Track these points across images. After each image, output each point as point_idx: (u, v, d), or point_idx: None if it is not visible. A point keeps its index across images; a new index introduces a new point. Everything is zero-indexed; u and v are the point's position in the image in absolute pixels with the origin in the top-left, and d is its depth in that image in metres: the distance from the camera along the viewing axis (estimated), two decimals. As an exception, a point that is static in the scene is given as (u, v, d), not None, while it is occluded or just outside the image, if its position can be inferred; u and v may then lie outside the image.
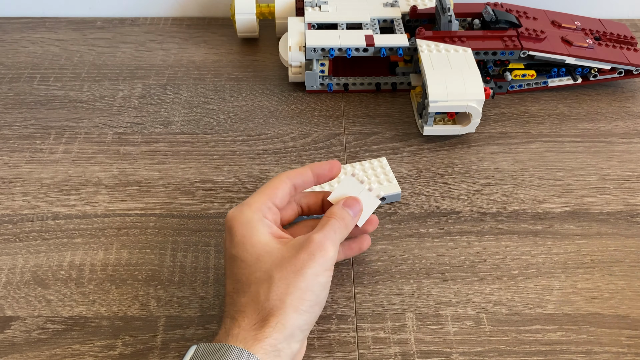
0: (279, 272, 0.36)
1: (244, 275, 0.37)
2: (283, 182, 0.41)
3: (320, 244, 0.37)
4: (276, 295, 0.35)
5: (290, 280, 0.36)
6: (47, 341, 0.41)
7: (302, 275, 0.36)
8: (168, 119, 0.59)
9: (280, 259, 0.37)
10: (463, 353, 0.40)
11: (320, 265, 0.37)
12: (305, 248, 0.37)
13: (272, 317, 0.35)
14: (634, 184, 0.53)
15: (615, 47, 0.62)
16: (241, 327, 0.35)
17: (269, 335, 0.34)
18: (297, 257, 0.36)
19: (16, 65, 0.66)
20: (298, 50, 0.60)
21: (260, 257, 0.37)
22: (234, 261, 0.38)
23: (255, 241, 0.38)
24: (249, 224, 0.38)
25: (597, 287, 0.44)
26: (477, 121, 0.55)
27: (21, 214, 0.50)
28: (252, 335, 0.34)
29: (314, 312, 0.37)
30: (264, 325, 0.34)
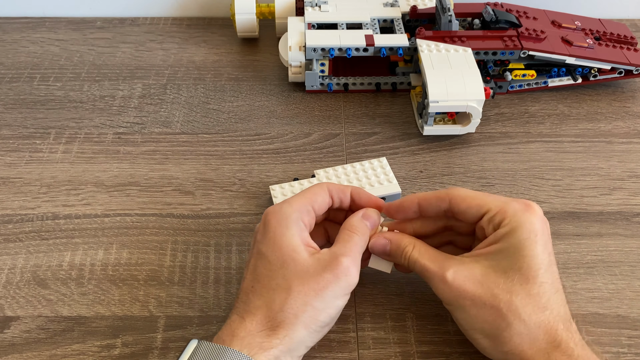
0: (300, 285, 0.35)
1: (265, 276, 0.36)
2: (323, 190, 0.40)
3: (347, 268, 0.36)
4: (291, 308, 0.35)
5: (309, 298, 0.35)
6: (47, 341, 0.41)
7: (322, 296, 0.35)
8: (168, 119, 0.59)
9: (304, 272, 0.36)
10: (463, 353, 0.40)
11: (342, 289, 0.36)
12: (332, 269, 0.36)
13: (281, 328, 0.34)
14: (634, 184, 0.53)
15: (616, 47, 0.62)
16: (248, 330, 0.34)
17: (275, 347, 0.34)
18: (322, 276, 0.35)
19: (16, 65, 0.66)
20: (298, 50, 0.60)
21: (286, 263, 0.36)
22: (261, 258, 0.37)
23: (285, 243, 0.37)
24: (285, 220, 0.37)
25: (597, 287, 0.44)
26: (477, 121, 0.55)
27: (21, 214, 0.50)
28: (258, 342, 0.34)
29: (323, 332, 0.37)
30: (272, 335, 0.34)
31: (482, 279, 0.36)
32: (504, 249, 0.36)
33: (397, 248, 0.40)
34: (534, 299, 0.35)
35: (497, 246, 0.37)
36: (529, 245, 0.36)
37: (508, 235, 0.36)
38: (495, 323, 0.35)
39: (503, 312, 0.35)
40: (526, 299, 0.35)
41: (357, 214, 0.40)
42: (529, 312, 0.35)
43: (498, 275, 0.36)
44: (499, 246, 0.36)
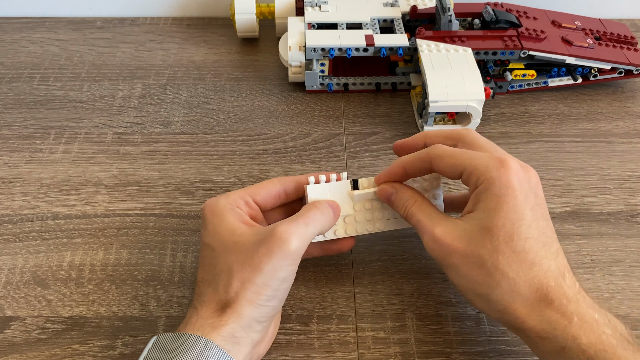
0: (238, 265, 0.36)
1: (212, 265, 0.37)
2: (272, 184, 0.41)
3: (281, 238, 0.36)
4: (232, 289, 0.35)
5: (247, 276, 0.35)
6: (46, 341, 0.41)
7: (260, 272, 0.35)
8: (168, 119, 0.59)
9: (241, 251, 0.36)
10: (463, 353, 0.40)
11: (280, 260, 0.36)
12: (265, 242, 0.36)
13: (228, 308, 0.35)
14: (634, 184, 0.53)
15: (616, 47, 0.62)
16: (200, 315, 0.35)
17: (226, 324, 0.34)
18: (256, 252, 0.36)
19: (16, 65, 0.66)
20: (298, 50, 0.60)
21: (228, 247, 0.37)
22: (205, 249, 0.38)
23: (224, 230, 0.37)
24: (220, 212, 0.38)
25: (597, 287, 0.44)
26: (477, 121, 0.55)
27: (21, 214, 0.50)
28: (209, 322, 0.34)
29: (272, 305, 0.36)
30: (222, 314, 0.35)
31: (469, 239, 0.36)
32: (484, 207, 0.36)
33: (400, 199, 0.41)
34: (520, 255, 0.35)
35: (478, 206, 0.36)
36: (507, 201, 0.35)
37: (484, 193, 0.36)
38: (484, 283, 0.35)
39: (490, 271, 0.35)
40: (512, 256, 0.35)
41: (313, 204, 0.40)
42: (516, 270, 0.35)
43: (484, 234, 0.35)
44: (480, 206, 0.36)
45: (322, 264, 0.46)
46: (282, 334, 0.41)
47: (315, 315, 0.43)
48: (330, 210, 0.40)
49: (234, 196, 0.40)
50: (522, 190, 0.36)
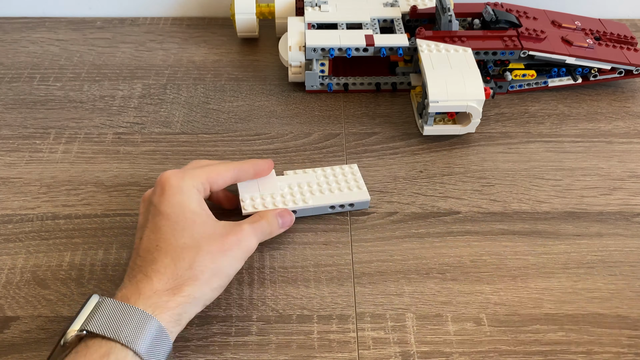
0: (207, 245, 0.38)
1: (173, 236, 0.38)
2: (229, 173, 0.44)
3: (248, 235, 0.41)
4: (199, 266, 0.37)
5: (216, 257, 0.38)
6: (47, 341, 0.41)
7: (226, 256, 0.39)
8: (168, 119, 0.59)
9: (211, 233, 0.39)
10: (463, 353, 0.40)
11: (243, 252, 0.40)
12: (235, 233, 0.40)
13: (186, 286, 0.36)
14: (634, 184, 0.53)
15: (616, 47, 0.62)
16: (155, 289, 0.36)
17: (179, 305, 0.36)
18: (227, 238, 0.39)
19: (16, 65, 0.66)
20: (298, 50, 0.60)
21: (193, 225, 0.39)
22: (166, 219, 0.39)
23: (191, 208, 0.40)
24: (187, 191, 0.40)
25: (597, 287, 0.44)
26: (477, 121, 0.55)
27: (21, 214, 0.50)
28: (164, 300, 0.35)
29: (218, 292, 0.39)
30: (177, 293, 0.36)
31: None
32: None
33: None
34: None
35: None
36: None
37: None
38: None
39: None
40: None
41: (275, 210, 0.46)
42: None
43: None
44: None
45: (322, 264, 0.46)
46: (282, 334, 0.41)
47: (315, 315, 0.43)
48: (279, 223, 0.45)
49: (197, 179, 0.42)
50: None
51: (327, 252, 0.47)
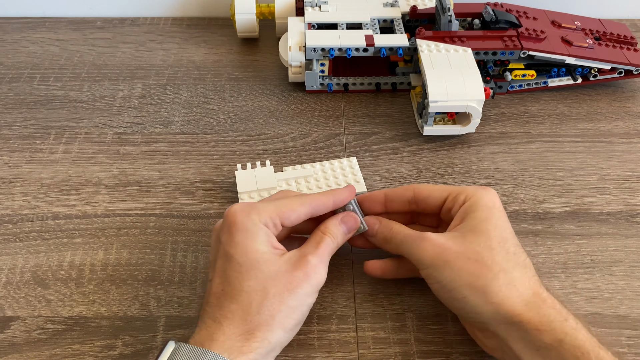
0: (274, 286, 0.36)
1: (237, 279, 0.36)
2: (303, 207, 0.40)
3: (315, 266, 0.37)
4: (268, 310, 0.35)
5: (284, 298, 0.36)
6: (47, 341, 0.41)
7: (295, 294, 0.36)
8: (168, 119, 0.59)
9: (276, 272, 0.36)
10: (463, 353, 0.40)
11: (312, 287, 0.37)
12: (301, 267, 0.37)
13: (259, 331, 0.35)
14: (634, 184, 0.53)
15: (615, 47, 0.62)
16: (226, 334, 0.35)
17: (254, 350, 0.34)
18: (293, 275, 0.37)
19: (16, 65, 0.67)
20: (298, 50, 0.60)
21: (257, 265, 0.36)
22: (230, 261, 0.37)
23: (256, 247, 0.37)
24: (252, 229, 0.37)
25: (597, 287, 0.44)
26: (477, 121, 0.55)
27: (21, 214, 0.50)
28: (238, 346, 0.34)
29: (296, 331, 0.38)
30: (250, 339, 0.35)
31: (461, 239, 0.38)
32: (476, 217, 0.39)
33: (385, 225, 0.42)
34: (514, 257, 0.37)
35: (469, 216, 0.39)
36: (496, 213, 0.39)
37: (475, 206, 0.39)
38: (482, 274, 0.36)
39: (488, 264, 0.37)
40: (506, 255, 0.37)
41: (336, 217, 0.41)
42: (512, 267, 0.37)
43: (476, 235, 0.38)
44: (471, 216, 0.39)
45: (322, 264, 0.46)
46: (282, 334, 0.41)
47: (315, 315, 0.43)
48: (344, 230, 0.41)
49: (265, 215, 0.38)
50: (503, 211, 0.40)
51: (327, 252, 0.47)
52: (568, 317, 0.35)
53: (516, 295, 0.36)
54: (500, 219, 0.39)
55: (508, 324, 0.36)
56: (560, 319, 0.35)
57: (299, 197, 0.40)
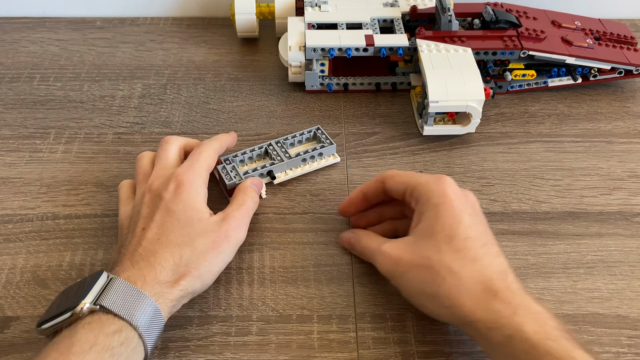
0: (202, 243, 0.40)
1: (171, 232, 0.40)
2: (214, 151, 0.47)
3: (236, 227, 0.42)
4: (193, 262, 0.39)
5: (207, 254, 0.40)
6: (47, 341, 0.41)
7: (216, 250, 0.41)
8: (168, 119, 0.59)
9: (204, 230, 0.41)
10: (463, 353, 0.40)
11: (232, 246, 0.42)
12: (225, 228, 0.42)
13: (182, 280, 0.39)
14: (634, 184, 0.53)
15: (615, 47, 0.62)
16: (157, 279, 0.38)
17: (175, 297, 0.38)
18: (217, 234, 0.41)
19: (16, 65, 0.66)
20: (298, 50, 0.60)
21: (192, 223, 0.41)
22: (169, 215, 0.41)
23: (196, 206, 0.42)
24: (197, 187, 0.43)
25: (597, 287, 0.44)
26: (477, 121, 0.55)
27: (21, 214, 0.50)
28: (165, 292, 0.38)
29: (209, 283, 0.41)
30: (174, 287, 0.38)
31: (413, 247, 0.39)
32: (426, 218, 0.40)
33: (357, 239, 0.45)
34: (462, 253, 0.38)
35: (420, 217, 0.40)
36: (445, 208, 0.39)
37: (425, 205, 0.40)
38: (432, 281, 0.37)
39: (435, 269, 0.37)
40: (454, 254, 0.38)
41: (249, 179, 0.48)
42: (460, 266, 0.37)
43: (426, 239, 0.39)
44: (422, 217, 0.40)
45: (322, 264, 0.46)
46: (282, 334, 0.41)
47: (315, 315, 0.43)
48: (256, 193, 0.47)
49: (204, 173, 0.45)
50: (457, 199, 0.40)
51: (327, 252, 0.47)
52: (517, 309, 0.35)
53: (466, 295, 0.36)
54: (449, 213, 0.39)
55: (464, 325, 0.37)
56: (508, 313, 0.35)
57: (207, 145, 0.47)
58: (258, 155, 0.53)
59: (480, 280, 0.36)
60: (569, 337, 0.34)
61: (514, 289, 0.36)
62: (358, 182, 0.52)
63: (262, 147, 0.53)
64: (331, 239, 0.48)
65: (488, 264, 0.37)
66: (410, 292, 0.40)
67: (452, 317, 0.37)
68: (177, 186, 0.43)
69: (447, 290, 0.37)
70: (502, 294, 0.36)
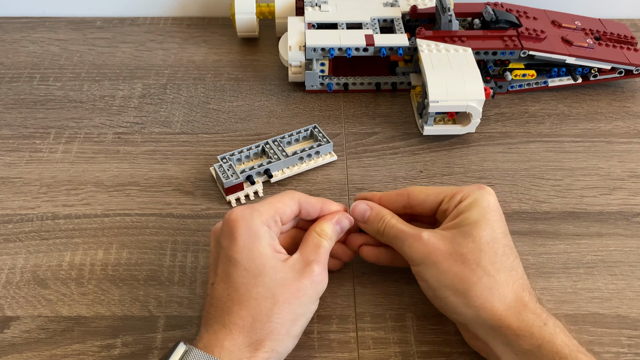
0: (283, 294, 0.36)
1: (244, 285, 0.36)
2: (293, 201, 0.40)
3: (319, 274, 0.38)
4: (278, 318, 0.35)
5: (293, 306, 0.36)
6: (46, 341, 0.41)
7: (302, 302, 0.37)
8: (168, 119, 0.59)
9: (284, 279, 0.36)
10: (463, 353, 0.40)
11: (317, 294, 0.38)
12: (307, 275, 0.37)
13: (268, 340, 0.35)
14: (634, 184, 0.53)
15: (616, 47, 0.62)
16: (235, 343, 0.34)
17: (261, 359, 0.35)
18: (301, 283, 0.37)
19: (16, 65, 0.66)
20: (298, 50, 0.60)
21: (265, 272, 0.36)
22: (235, 266, 0.36)
23: (261, 252, 0.37)
24: (256, 232, 0.37)
25: (597, 287, 0.44)
26: (477, 121, 0.55)
27: (21, 214, 0.50)
28: (246, 356, 0.34)
29: (298, 338, 0.38)
30: (260, 348, 0.35)
31: (452, 241, 0.38)
32: (468, 217, 0.39)
33: (376, 215, 0.42)
34: (501, 258, 0.38)
35: (462, 217, 0.39)
36: (489, 214, 0.39)
37: (469, 206, 0.39)
38: (465, 277, 0.37)
39: (472, 267, 0.37)
40: (493, 257, 0.37)
41: (330, 218, 0.41)
42: (497, 270, 0.37)
43: (467, 237, 0.38)
44: (463, 216, 0.39)
45: (322, 264, 0.46)
46: (282, 334, 0.41)
47: (315, 315, 0.42)
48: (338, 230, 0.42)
49: (266, 214, 0.38)
50: (498, 210, 0.40)
51: (327, 252, 0.47)
52: (547, 321, 0.36)
53: (497, 299, 0.36)
54: (494, 219, 0.39)
55: (488, 328, 0.37)
56: (539, 323, 0.35)
57: (289, 194, 0.41)
58: (255, 154, 0.53)
59: (513, 288, 0.37)
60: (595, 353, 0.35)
61: (540, 304, 0.37)
62: (358, 182, 0.52)
63: (259, 146, 0.53)
64: (331, 239, 0.48)
65: (521, 276, 0.38)
66: (436, 284, 0.38)
67: (475, 318, 0.37)
68: (232, 231, 0.37)
69: (480, 290, 0.36)
70: (532, 305, 0.36)
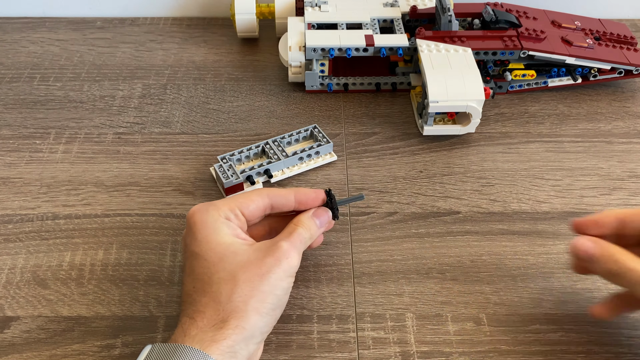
0: (244, 273, 0.36)
1: (205, 274, 0.37)
2: (260, 197, 0.41)
3: (286, 251, 0.38)
4: (239, 296, 0.35)
5: (255, 283, 0.36)
6: (47, 341, 0.41)
7: (267, 279, 0.36)
8: (168, 119, 0.59)
9: (245, 261, 0.37)
10: (463, 353, 0.40)
11: (284, 271, 0.37)
12: (272, 253, 0.37)
13: (232, 318, 0.35)
14: (634, 184, 0.53)
15: (615, 47, 0.62)
16: (199, 327, 0.35)
17: (227, 337, 0.34)
18: (264, 261, 0.37)
19: (16, 65, 0.66)
20: (298, 50, 0.60)
21: (224, 257, 0.37)
22: (196, 259, 0.37)
23: (219, 241, 0.37)
24: (212, 224, 0.38)
25: (597, 287, 0.44)
26: (477, 121, 0.55)
27: (21, 214, 0.50)
28: (210, 336, 0.34)
29: (275, 315, 0.37)
30: (223, 327, 0.35)
31: None
32: None
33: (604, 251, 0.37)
34: None
35: None
36: None
37: None
38: None
39: None
40: None
41: (308, 211, 0.42)
42: None
43: None
44: None
45: (322, 264, 0.46)
46: (282, 334, 0.41)
47: (315, 315, 0.43)
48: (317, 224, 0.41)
49: (223, 207, 0.39)
50: None
51: (327, 252, 0.47)
52: None
53: None
54: None
55: None
56: None
57: (257, 190, 0.41)
58: (255, 154, 0.53)
59: None
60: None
61: None
62: (358, 182, 0.52)
63: (259, 146, 0.53)
64: (331, 239, 0.48)
65: None
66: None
67: None
68: (188, 227, 0.39)
69: None
70: None
